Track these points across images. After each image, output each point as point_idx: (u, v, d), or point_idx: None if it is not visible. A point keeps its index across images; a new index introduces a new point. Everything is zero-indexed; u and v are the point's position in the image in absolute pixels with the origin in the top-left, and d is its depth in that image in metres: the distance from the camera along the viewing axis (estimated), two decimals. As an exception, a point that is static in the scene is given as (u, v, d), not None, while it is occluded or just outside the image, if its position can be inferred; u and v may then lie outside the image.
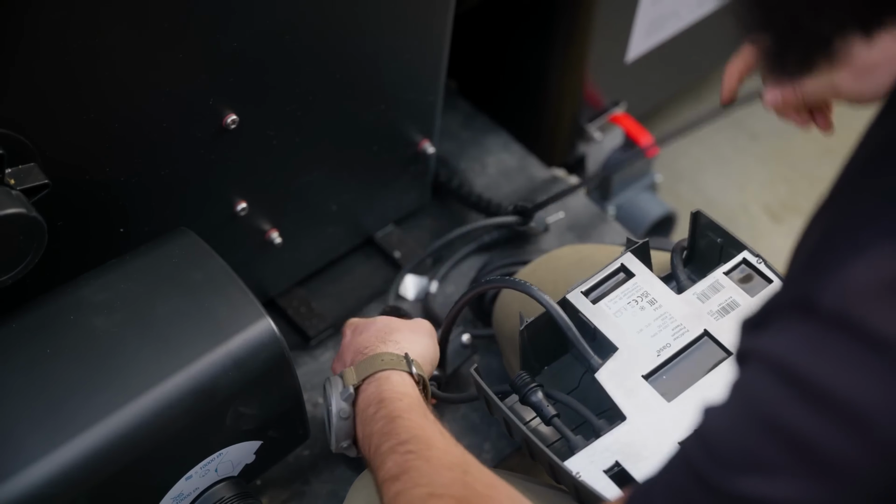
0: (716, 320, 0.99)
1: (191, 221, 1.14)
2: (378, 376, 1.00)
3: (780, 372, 0.59)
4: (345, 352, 1.10)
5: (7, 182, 0.95)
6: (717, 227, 1.06)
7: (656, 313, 1.01)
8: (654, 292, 1.02)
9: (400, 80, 1.41)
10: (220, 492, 1.07)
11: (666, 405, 0.95)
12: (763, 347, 0.61)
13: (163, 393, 0.98)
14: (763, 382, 0.60)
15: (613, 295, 1.03)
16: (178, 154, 1.18)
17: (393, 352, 1.03)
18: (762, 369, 0.61)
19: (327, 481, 1.41)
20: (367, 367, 1.01)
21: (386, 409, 0.95)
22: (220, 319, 1.03)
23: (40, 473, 0.91)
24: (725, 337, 0.98)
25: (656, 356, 0.98)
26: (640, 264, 1.05)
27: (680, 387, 0.96)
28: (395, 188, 1.59)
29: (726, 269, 1.03)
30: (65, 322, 1.01)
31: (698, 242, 1.10)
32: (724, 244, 1.06)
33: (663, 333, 0.99)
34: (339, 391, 1.01)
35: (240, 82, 1.17)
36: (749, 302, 1.00)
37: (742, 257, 1.04)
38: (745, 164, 2.40)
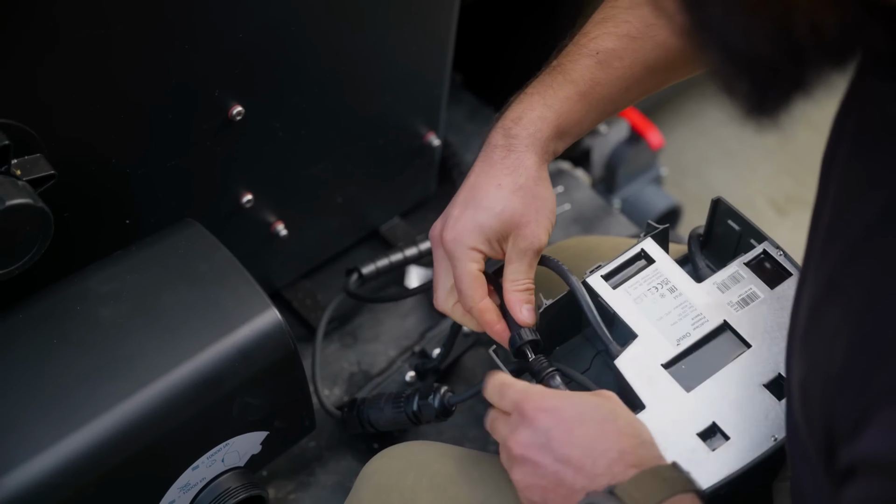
0: (735, 311, 0.99)
1: (197, 213, 1.14)
2: (672, 502, 0.81)
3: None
4: (555, 446, 0.85)
5: (13, 173, 0.95)
6: (737, 216, 1.06)
7: (676, 301, 1.00)
8: (674, 280, 1.02)
9: (405, 73, 1.41)
10: (226, 482, 1.07)
11: (685, 395, 0.95)
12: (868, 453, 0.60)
13: (169, 383, 0.98)
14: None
15: (633, 281, 1.03)
16: (183, 146, 1.18)
17: (665, 463, 0.84)
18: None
19: (333, 472, 1.41)
20: (655, 491, 0.81)
21: None
22: (227, 310, 1.03)
23: (47, 463, 0.91)
24: (745, 329, 0.98)
25: (676, 345, 0.98)
26: (661, 250, 1.04)
27: (699, 377, 0.96)
28: (401, 181, 1.60)
29: (746, 259, 1.03)
30: (71, 313, 1.01)
31: (716, 229, 1.09)
32: (742, 233, 1.06)
33: (683, 322, 0.99)
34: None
35: (245, 74, 1.17)
36: (768, 295, 1.00)
37: (763, 248, 1.03)
38: (751, 158, 2.40)
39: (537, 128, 1.00)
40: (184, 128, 1.16)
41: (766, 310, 0.99)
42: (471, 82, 1.93)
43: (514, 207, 0.98)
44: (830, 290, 0.68)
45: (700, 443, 0.92)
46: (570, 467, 0.83)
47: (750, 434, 0.92)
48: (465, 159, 1.74)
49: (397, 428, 1.25)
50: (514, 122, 1.01)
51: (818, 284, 0.70)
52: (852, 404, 0.63)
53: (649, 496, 0.79)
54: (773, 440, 0.91)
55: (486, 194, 0.99)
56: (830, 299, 0.68)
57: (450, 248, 1.00)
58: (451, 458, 1.01)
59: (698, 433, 0.92)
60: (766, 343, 0.97)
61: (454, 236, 0.99)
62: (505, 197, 0.98)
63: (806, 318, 0.71)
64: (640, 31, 1.03)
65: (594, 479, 0.82)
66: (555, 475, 0.84)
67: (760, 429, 0.92)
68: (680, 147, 2.37)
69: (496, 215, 0.98)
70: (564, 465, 0.83)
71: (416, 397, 1.16)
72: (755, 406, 0.93)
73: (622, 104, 1.07)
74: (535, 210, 0.99)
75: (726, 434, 0.92)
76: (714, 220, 1.09)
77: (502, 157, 1.00)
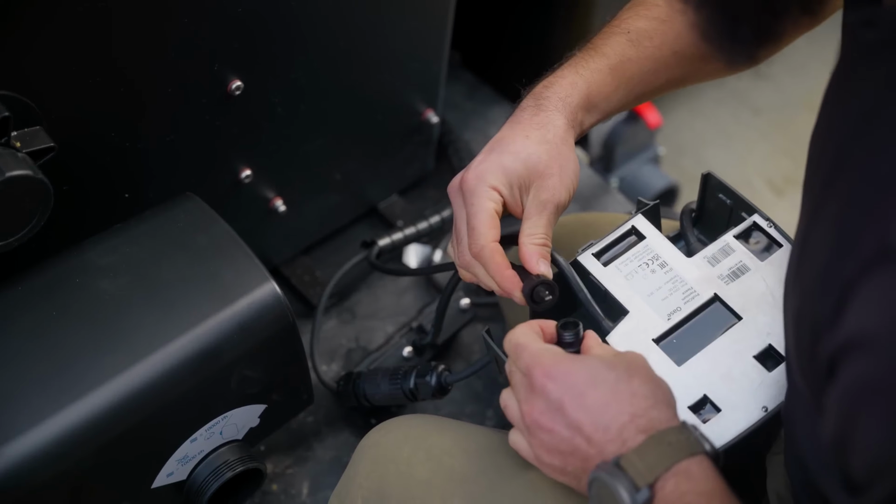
0: (726, 284, 1.00)
1: (196, 188, 1.14)
2: (676, 471, 0.79)
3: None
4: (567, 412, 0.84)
5: (13, 145, 0.96)
6: (727, 189, 1.06)
7: (667, 276, 1.01)
8: (664, 255, 1.03)
9: (404, 49, 1.41)
10: (224, 454, 1.08)
11: (676, 369, 0.95)
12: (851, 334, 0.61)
13: (168, 355, 0.98)
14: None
15: (624, 257, 1.03)
16: (182, 120, 1.18)
17: (673, 425, 0.83)
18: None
19: (330, 447, 1.42)
20: (659, 459, 0.80)
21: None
22: (225, 283, 1.04)
23: (47, 433, 0.92)
24: (735, 301, 0.98)
25: (667, 320, 0.98)
26: (651, 227, 1.05)
27: (690, 351, 0.96)
28: (399, 158, 1.60)
29: (736, 232, 1.03)
30: (71, 285, 1.02)
31: (707, 204, 1.09)
32: (733, 206, 1.06)
33: (674, 297, 1.00)
34: (629, 490, 0.78)
35: (244, 49, 1.17)
36: (757, 266, 1.00)
37: (752, 220, 1.04)
38: (748, 138, 2.40)
39: (567, 93, 1.01)
40: (183, 102, 1.16)
41: (757, 281, 0.99)
42: (469, 61, 1.93)
43: (540, 156, 0.97)
44: (815, 217, 0.71)
45: (691, 416, 0.92)
46: (582, 435, 0.83)
47: (741, 406, 0.92)
48: (462, 137, 1.74)
49: (393, 403, 1.26)
50: (545, 88, 1.01)
51: (806, 217, 0.73)
52: (832, 297, 0.64)
53: (654, 465, 0.79)
54: (763, 411, 0.91)
55: (512, 141, 0.98)
56: (815, 224, 0.70)
57: (469, 185, 0.97)
58: (448, 431, 1.02)
59: (689, 406, 0.93)
60: (757, 315, 0.97)
61: (476, 175, 0.97)
62: (531, 145, 0.97)
63: (797, 250, 0.74)
64: (668, 14, 1.05)
65: (605, 447, 0.82)
66: (569, 442, 0.84)
67: (751, 400, 0.92)
68: (678, 127, 2.37)
69: (521, 159, 0.97)
70: (576, 431, 0.83)
71: (414, 374, 1.17)
72: (746, 377, 0.94)
73: (650, 88, 1.07)
74: (560, 166, 0.98)
75: (717, 406, 0.93)
76: (705, 194, 1.09)
77: (531, 115, 0.99)
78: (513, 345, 0.90)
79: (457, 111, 1.83)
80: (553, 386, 0.85)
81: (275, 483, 1.38)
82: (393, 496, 0.98)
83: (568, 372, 0.85)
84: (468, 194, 0.97)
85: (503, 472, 0.96)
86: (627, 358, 0.88)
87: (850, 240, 0.64)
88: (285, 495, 1.38)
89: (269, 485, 1.38)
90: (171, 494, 1.06)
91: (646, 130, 2.00)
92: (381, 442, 1.03)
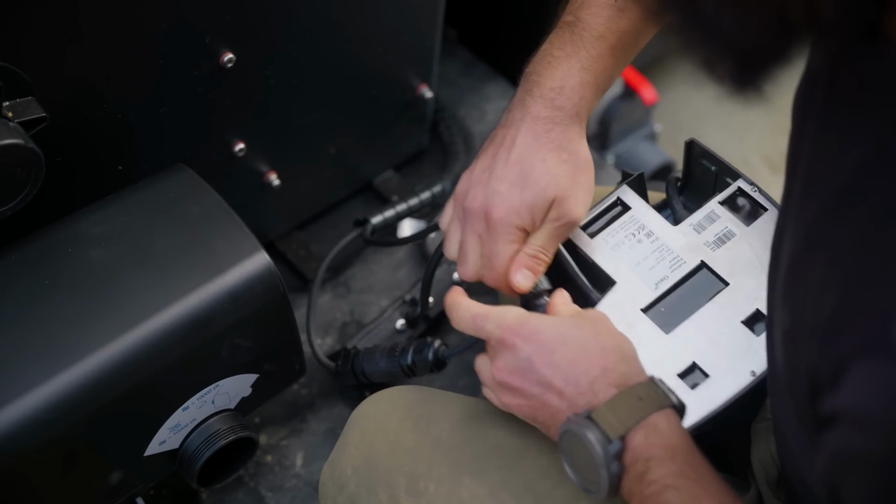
0: (712, 251, 1.00)
1: (189, 161, 1.15)
2: (645, 424, 0.82)
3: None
4: (537, 369, 0.88)
5: (5, 114, 0.96)
6: (711, 156, 1.06)
7: (654, 246, 1.02)
8: (650, 224, 1.03)
9: (398, 23, 1.41)
10: (216, 423, 1.09)
11: (664, 337, 0.96)
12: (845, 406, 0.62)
13: (159, 323, 0.99)
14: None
15: (611, 228, 1.04)
16: (175, 92, 1.19)
17: (642, 380, 0.86)
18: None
19: (325, 420, 1.43)
20: (629, 413, 0.83)
21: (657, 473, 0.80)
22: (217, 252, 1.04)
23: (38, 400, 0.93)
24: (722, 267, 0.99)
25: (654, 289, 0.99)
26: (637, 197, 1.05)
27: (678, 318, 0.97)
28: (394, 133, 1.60)
29: (721, 198, 1.04)
30: (63, 254, 1.03)
31: (693, 171, 1.10)
32: (718, 172, 1.06)
33: (661, 266, 1.00)
34: (601, 442, 0.81)
35: (236, 21, 1.18)
36: (743, 232, 1.01)
37: (737, 186, 1.04)
38: (746, 116, 2.40)
39: (581, 96, 1.00)
40: (174, 74, 1.17)
41: (743, 246, 1.00)
42: (465, 38, 1.93)
43: (559, 182, 0.98)
44: (812, 244, 0.70)
45: (680, 383, 0.93)
46: (553, 391, 0.86)
47: (729, 370, 0.93)
48: (456, 113, 1.75)
49: (391, 380, 1.27)
50: (557, 93, 0.99)
51: (798, 237, 0.72)
52: (832, 356, 0.64)
53: (625, 418, 0.82)
54: (752, 375, 0.92)
55: (532, 170, 0.97)
56: (813, 252, 0.69)
57: (496, 225, 0.98)
58: (436, 402, 1.03)
59: (678, 374, 0.94)
60: (744, 279, 0.98)
61: (503, 215, 0.97)
62: (550, 172, 0.97)
63: (788, 270, 0.73)
64: None
65: (576, 399, 0.85)
66: (539, 398, 0.87)
67: (739, 365, 0.93)
68: (675, 104, 2.37)
69: (542, 191, 0.97)
70: (547, 388, 0.87)
71: (411, 350, 1.18)
72: (734, 343, 0.95)
73: (640, 48, 1.07)
74: (577, 185, 0.99)
75: (706, 372, 0.93)
76: (690, 161, 1.09)
77: (546, 131, 0.98)
78: (470, 315, 0.94)
79: (453, 88, 1.83)
80: (523, 345, 0.88)
81: (269, 454, 1.40)
82: (381, 464, 1.00)
83: (536, 331, 0.88)
84: (493, 232, 0.99)
85: (488, 440, 0.97)
86: (591, 316, 0.92)
87: (849, 309, 0.63)
88: (279, 467, 1.39)
89: (264, 456, 1.39)
90: (163, 462, 1.07)
91: (642, 107, 2.00)
92: (371, 412, 1.05)
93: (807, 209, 0.71)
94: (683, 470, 0.80)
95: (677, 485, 0.79)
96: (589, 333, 0.88)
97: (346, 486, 1.02)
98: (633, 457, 0.82)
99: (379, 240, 1.45)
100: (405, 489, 0.97)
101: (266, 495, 1.37)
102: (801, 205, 0.72)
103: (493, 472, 0.95)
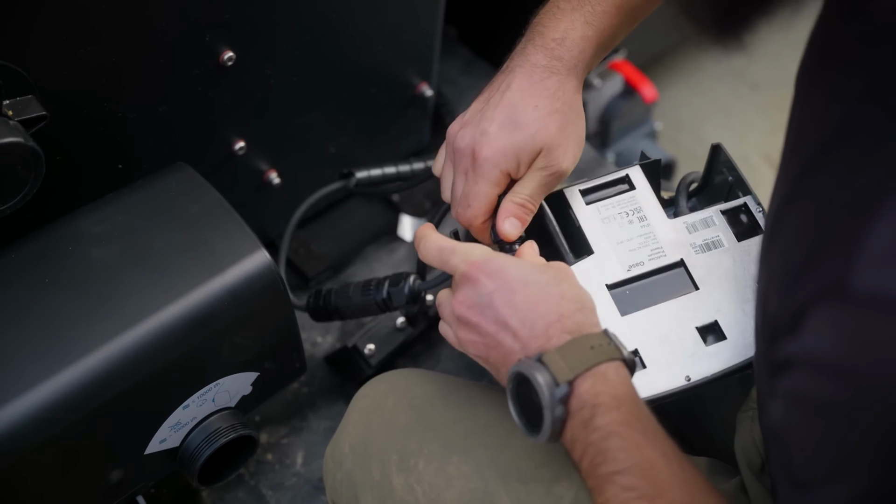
0: (696, 253, 1.00)
1: (190, 159, 1.15)
2: (594, 372, 0.83)
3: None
4: (496, 307, 0.88)
5: (5, 113, 0.96)
6: (731, 166, 1.06)
7: (642, 230, 1.02)
8: (647, 210, 1.03)
9: (398, 21, 1.41)
10: (216, 422, 1.09)
11: (618, 318, 0.97)
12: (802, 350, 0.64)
13: (159, 322, 0.99)
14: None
15: (608, 202, 1.04)
16: (175, 90, 1.19)
17: (596, 331, 0.87)
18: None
19: (325, 418, 1.43)
20: (580, 359, 0.84)
21: (602, 419, 0.82)
22: (216, 250, 1.04)
23: (39, 399, 0.93)
24: (698, 272, 0.99)
25: (626, 270, 0.99)
26: (645, 180, 1.05)
27: (637, 305, 0.98)
28: (394, 131, 1.60)
29: (724, 207, 1.04)
30: (63, 253, 1.03)
31: (712, 176, 1.10)
32: (733, 184, 1.07)
33: (641, 251, 1.01)
34: (549, 385, 0.82)
35: (236, 20, 1.18)
36: (732, 245, 1.01)
37: (744, 201, 1.04)
38: (746, 114, 2.40)
39: (581, 49, 0.99)
40: (174, 72, 1.17)
41: (726, 259, 1.00)
42: (466, 36, 1.93)
43: (549, 129, 0.97)
44: (789, 202, 0.71)
45: None
46: (508, 331, 0.87)
47: (666, 368, 0.95)
48: (456, 111, 1.74)
49: (365, 316, 1.25)
50: (558, 44, 0.99)
51: (779, 197, 0.73)
52: (793, 303, 0.66)
53: (575, 364, 0.83)
54: (686, 380, 0.94)
55: (524, 114, 0.97)
56: (790, 210, 0.71)
57: (481, 164, 0.97)
58: (432, 383, 1.05)
59: None
60: (714, 289, 0.98)
61: (489, 155, 0.97)
62: (541, 118, 0.97)
63: (767, 231, 0.75)
64: None
65: (528, 343, 0.87)
66: (494, 336, 0.88)
67: (678, 367, 0.95)
68: (675, 102, 2.37)
69: (531, 136, 0.97)
70: (503, 327, 0.87)
71: (386, 284, 1.17)
72: (681, 344, 0.95)
73: (648, 12, 1.06)
74: (567, 136, 0.99)
75: (644, 363, 0.94)
76: (713, 166, 1.09)
77: (543, 78, 0.98)
78: (437, 248, 0.95)
79: (453, 86, 1.83)
80: (486, 281, 0.89)
81: (269, 453, 1.40)
82: (376, 442, 1.02)
83: (500, 269, 0.89)
84: (478, 170, 0.98)
85: (478, 420, 0.99)
86: (557, 266, 0.93)
87: (813, 258, 0.65)
88: (280, 465, 1.39)
89: (264, 454, 1.39)
90: (164, 461, 1.07)
91: (642, 105, 2.00)
92: (370, 393, 1.07)
93: (789, 170, 0.73)
94: (628, 419, 0.81)
95: (621, 432, 0.80)
96: (552, 280, 0.89)
97: (343, 463, 1.04)
98: (580, 402, 0.83)
99: (363, 190, 1.41)
100: (396, 466, 0.99)
101: (266, 493, 1.37)
102: (785, 167, 0.74)
103: (480, 450, 0.97)
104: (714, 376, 0.94)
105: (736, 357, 0.95)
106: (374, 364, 1.40)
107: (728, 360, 0.95)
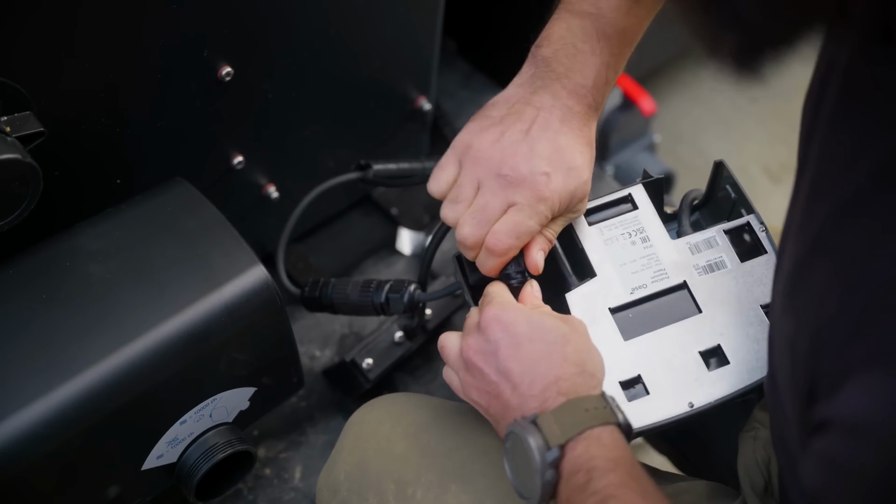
0: (699, 275, 1.00)
1: (188, 174, 1.15)
2: (588, 436, 0.84)
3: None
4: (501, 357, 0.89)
5: (2, 129, 0.96)
6: (734, 184, 1.06)
7: (645, 252, 1.01)
8: (650, 230, 1.03)
9: (396, 35, 1.41)
10: (214, 437, 1.09)
11: (621, 343, 0.96)
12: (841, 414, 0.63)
13: (157, 337, 0.99)
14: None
15: (610, 222, 1.03)
16: (173, 106, 1.19)
17: (593, 394, 0.88)
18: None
19: (323, 432, 1.43)
20: (573, 423, 0.84)
21: (599, 483, 0.81)
22: (214, 266, 1.05)
23: (36, 414, 0.93)
24: (701, 294, 0.99)
25: (629, 293, 0.99)
26: (648, 200, 1.05)
27: (640, 329, 0.97)
28: (393, 145, 1.60)
29: (727, 227, 1.03)
30: (61, 269, 1.03)
31: (714, 193, 1.10)
32: (736, 201, 1.06)
33: (644, 273, 1.00)
34: (540, 448, 0.83)
35: (234, 35, 1.18)
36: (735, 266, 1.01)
37: (747, 220, 1.03)
38: (745, 126, 2.41)
39: (604, 94, 1.00)
40: (173, 88, 1.17)
41: (729, 281, 0.99)
42: (465, 49, 1.94)
43: (588, 179, 0.98)
44: (818, 249, 0.69)
45: (619, 391, 0.94)
46: (509, 382, 0.88)
47: (670, 395, 0.94)
48: (455, 124, 1.75)
49: (359, 315, 1.24)
50: (588, 91, 0.98)
51: (804, 241, 0.72)
52: (834, 362, 0.65)
53: (568, 427, 0.84)
54: (689, 406, 0.93)
55: (573, 160, 0.96)
56: (818, 257, 0.69)
57: (538, 203, 0.95)
58: (428, 408, 1.05)
59: (621, 381, 0.94)
60: (717, 312, 0.98)
61: (548, 195, 0.95)
62: (587, 165, 0.97)
63: (792, 274, 0.73)
64: None
65: (526, 401, 0.87)
66: (495, 386, 0.89)
67: (682, 393, 0.94)
68: (674, 114, 2.38)
69: (584, 183, 0.97)
70: (504, 378, 0.89)
71: (386, 288, 1.17)
72: (685, 370, 0.95)
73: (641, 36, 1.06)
74: (591, 172, 0.99)
75: (647, 389, 0.94)
76: (715, 183, 1.09)
77: (581, 126, 0.98)
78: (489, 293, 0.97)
79: (452, 99, 1.84)
80: (496, 328, 0.90)
81: (268, 467, 1.40)
82: (372, 469, 1.02)
83: (512, 321, 0.90)
84: (537, 205, 0.96)
85: (476, 446, 0.99)
86: (571, 322, 0.94)
87: (855, 320, 0.64)
88: (278, 479, 1.39)
89: (262, 469, 1.39)
90: (161, 476, 1.07)
91: (640, 118, 2.01)
92: (364, 419, 1.07)
93: (815, 213, 0.71)
94: (625, 481, 0.81)
95: (618, 495, 0.80)
96: (558, 340, 0.90)
97: (338, 490, 1.04)
98: (574, 466, 0.83)
99: (378, 180, 1.38)
100: (394, 495, 0.99)
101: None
102: (810, 208, 0.72)
103: (478, 479, 0.97)
104: (717, 402, 0.94)
105: (739, 383, 0.95)
106: (372, 378, 1.40)
107: (731, 386, 0.95)
